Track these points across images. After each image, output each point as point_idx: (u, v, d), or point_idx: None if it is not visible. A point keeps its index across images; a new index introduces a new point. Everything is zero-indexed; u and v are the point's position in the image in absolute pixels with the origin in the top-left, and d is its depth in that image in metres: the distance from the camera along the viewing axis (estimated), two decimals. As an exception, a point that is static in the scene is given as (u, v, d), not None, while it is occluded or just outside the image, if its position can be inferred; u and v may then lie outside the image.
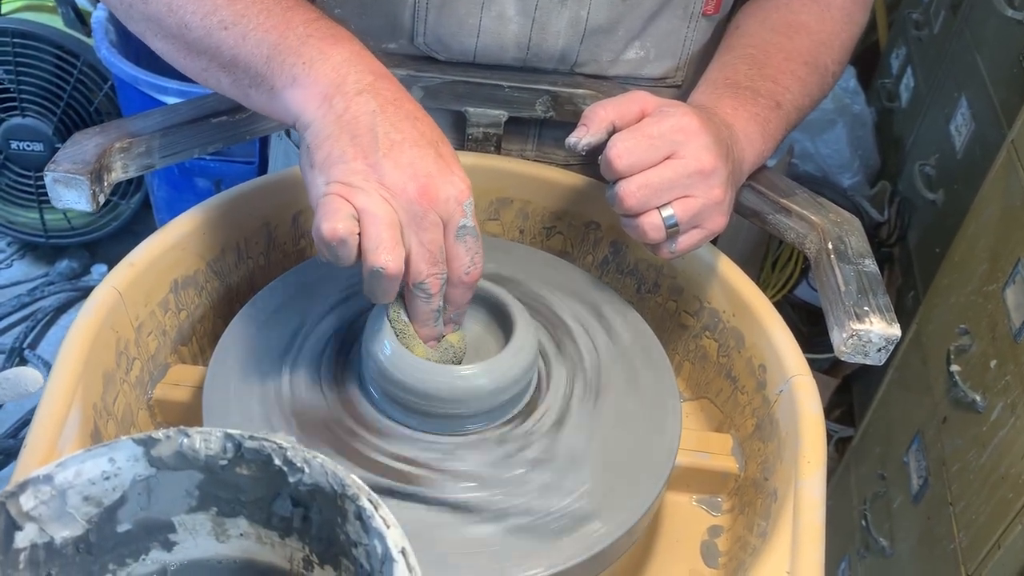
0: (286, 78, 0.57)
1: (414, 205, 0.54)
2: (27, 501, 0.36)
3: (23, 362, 1.94)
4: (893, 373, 1.44)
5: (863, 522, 1.37)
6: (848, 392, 1.82)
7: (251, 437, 0.38)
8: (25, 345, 1.96)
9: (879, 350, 0.62)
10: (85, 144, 0.68)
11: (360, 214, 0.53)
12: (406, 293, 0.57)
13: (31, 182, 2.04)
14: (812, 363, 0.66)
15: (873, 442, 1.47)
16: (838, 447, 1.73)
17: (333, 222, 0.52)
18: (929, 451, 1.23)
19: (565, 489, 0.57)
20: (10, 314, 2.03)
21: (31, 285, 2.12)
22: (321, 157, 0.54)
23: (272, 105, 0.59)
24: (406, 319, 0.59)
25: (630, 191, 0.63)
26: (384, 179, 0.53)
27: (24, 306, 2.05)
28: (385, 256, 0.52)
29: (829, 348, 0.64)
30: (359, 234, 0.53)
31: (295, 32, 0.58)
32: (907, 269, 1.67)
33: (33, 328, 1.99)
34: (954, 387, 1.16)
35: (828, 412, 1.79)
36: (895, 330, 0.61)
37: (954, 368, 1.17)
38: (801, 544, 0.54)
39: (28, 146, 1.97)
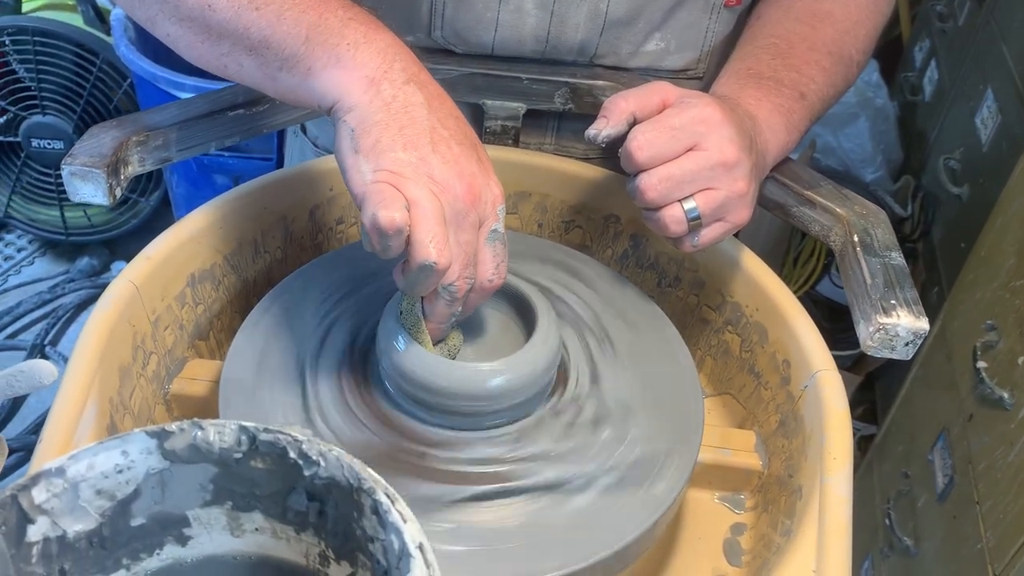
0: (328, 58, 0.55)
1: (459, 202, 0.52)
2: (39, 494, 0.36)
3: (44, 358, 1.96)
4: (917, 370, 1.42)
5: (887, 521, 1.35)
6: (871, 389, 1.80)
7: (266, 430, 0.38)
8: (46, 342, 1.97)
9: (907, 344, 0.60)
10: (102, 137, 0.67)
11: (411, 205, 0.51)
12: (428, 296, 0.56)
13: (52, 180, 2.05)
14: (835, 360, 0.65)
15: (897, 440, 1.45)
16: (861, 445, 1.71)
17: (391, 210, 0.50)
18: (954, 449, 1.21)
19: (632, 437, 0.60)
20: (31, 311, 2.04)
21: (52, 282, 2.13)
22: (369, 143, 0.53)
23: (303, 87, 0.57)
24: (419, 315, 0.58)
25: (651, 184, 0.61)
26: (434, 173, 0.52)
27: (45, 303, 2.06)
28: (437, 251, 0.51)
29: (852, 345, 0.63)
30: (410, 225, 0.51)
31: (335, 15, 0.56)
32: (931, 265, 1.65)
33: (54, 325, 2.01)
34: (980, 384, 1.14)
35: (851, 410, 1.77)
36: (923, 323, 0.60)
37: (980, 364, 1.15)
38: (827, 542, 0.53)
39: (49, 144, 1.98)
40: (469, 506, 0.55)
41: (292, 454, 0.38)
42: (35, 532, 0.36)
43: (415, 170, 0.52)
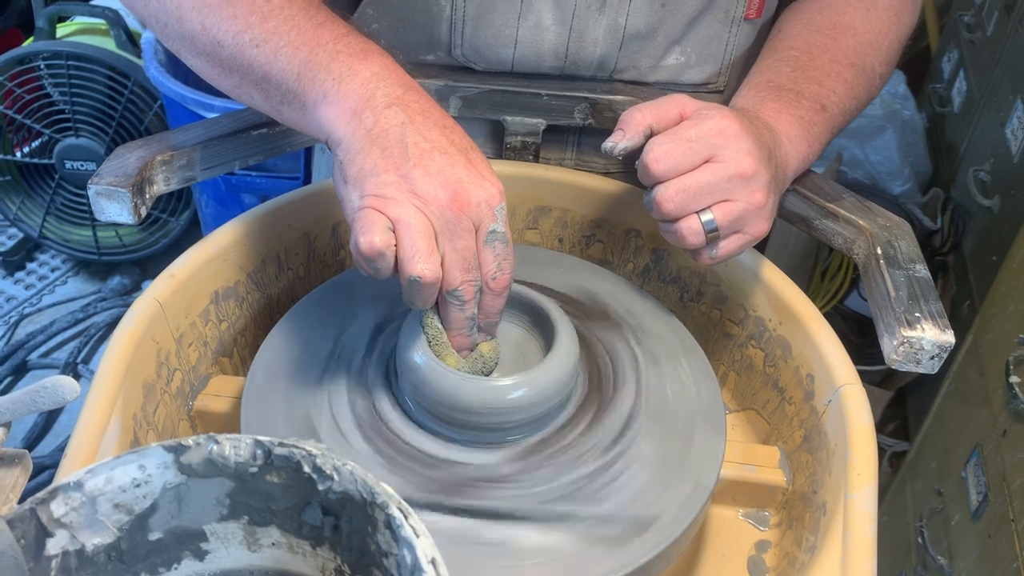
0: (316, 94, 0.57)
1: (446, 212, 0.53)
2: (58, 508, 0.36)
3: (77, 376, 1.98)
4: (949, 385, 1.40)
5: (920, 539, 1.33)
6: (902, 405, 1.77)
7: (280, 444, 0.38)
8: (79, 360, 2.00)
9: (932, 358, 0.59)
10: (128, 157, 0.68)
11: (395, 225, 0.53)
12: (440, 300, 0.57)
13: (85, 201, 2.08)
14: (864, 375, 0.64)
15: (929, 457, 1.43)
16: (892, 462, 1.68)
17: (370, 235, 0.52)
18: (988, 466, 1.18)
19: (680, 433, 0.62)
20: (65, 329, 2.07)
21: (84, 301, 2.16)
22: (354, 172, 0.55)
23: (304, 121, 0.59)
24: (440, 327, 0.58)
25: (668, 195, 0.61)
26: (416, 188, 0.53)
27: (78, 322, 2.09)
28: (421, 265, 0.52)
29: (881, 359, 0.62)
30: (395, 245, 0.53)
31: (325, 48, 0.58)
32: (962, 278, 1.62)
33: (86, 343, 2.04)
34: (1014, 399, 1.11)
35: (882, 426, 1.74)
36: (948, 337, 0.59)
37: (1013, 379, 1.12)
38: (852, 560, 0.52)
39: (82, 166, 2.02)
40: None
41: (306, 468, 0.38)
42: (54, 545, 0.37)
43: (397, 189, 0.53)
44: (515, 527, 0.54)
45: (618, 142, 0.64)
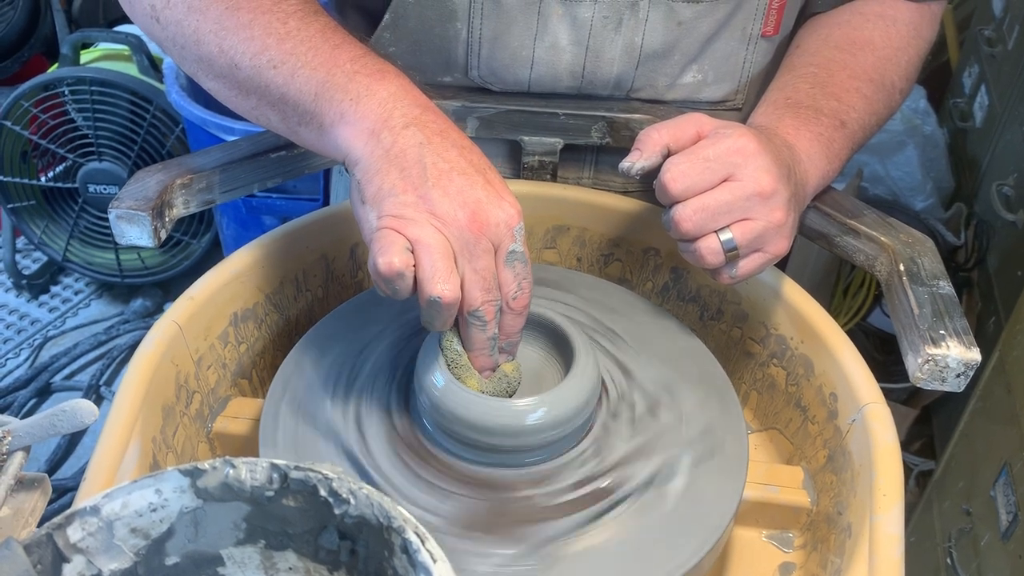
0: (334, 115, 0.57)
1: (465, 232, 0.53)
2: (74, 533, 0.36)
3: (99, 399, 2.00)
4: (976, 403, 1.38)
5: (948, 560, 1.30)
6: (928, 423, 1.74)
7: (296, 467, 0.38)
8: (102, 382, 2.01)
9: (958, 376, 0.58)
10: (147, 181, 0.69)
11: (414, 245, 0.53)
12: (460, 321, 0.57)
13: (108, 224, 2.10)
14: (889, 393, 0.63)
15: (957, 476, 1.40)
16: (919, 481, 1.66)
17: (389, 256, 0.52)
18: (1018, 484, 1.16)
19: (687, 412, 0.63)
20: (88, 352, 2.09)
21: (107, 324, 2.18)
22: (372, 192, 0.54)
23: (322, 142, 0.59)
24: (459, 348, 0.58)
25: (686, 215, 0.61)
26: (435, 209, 0.53)
27: (101, 344, 2.11)
28: (441, 285, 0.52)
29: (906, 377, 0.61)
30: (414, 265, 0.52)
31: (342, 69, 0.58)
32: (987, 294, 1.60)
33: (109, 365, 2.05)
34: (1043, 416, 1.09)
35: (908, 444, 1.72)
36: (974, 354, 0.58)
37: (1042, 396, 1.10)
38: (878, 583, 0.51)
39: (105, 189, 2.04)
40: (594, 526, 0.56)
41: (323, 492, 0.37)
42: (71, 571, 0.37)
43: (415, 210, 0.53)
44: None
45: (635, 162, 0.63)
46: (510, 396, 0.60)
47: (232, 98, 0.64)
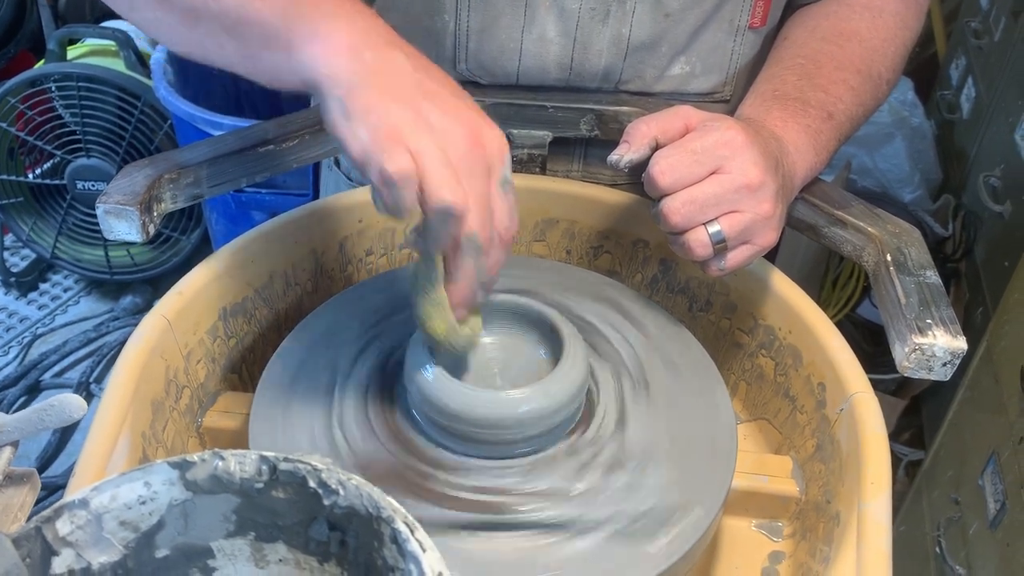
0: (306, 32, 0.52)
1: (464, 148, 0.50)
2: (63, 526, 0.36)
3: (89, 396, 1.99)
4: (964, 393, 1.38)
5: (937, 549, 1.31)
6: (917, 414, 1.75)
7: (286, 459, 0.38)
8: (91, 379, 2.01)
9: (944, 364, 0.59)
10: (135, 176, 0.69)
11: (416, 156, 0.49)
12: (451, 252, 0.53)
13: (96, 221, 2.09)
14: (877, 384, 0.64)
15: (945, 465, 1.41)
16: (908, 470, 1.67)
17: (397, 159, 0.48)
18: (1005, 473, 1.17)
19: (648, 487, 0.57)
20: (77, 349, 2.08)
21: (97, 321, 2.17)
22: (360, 107, 0.50)
23: (288, 65, 0.54)
24: (434, 280, 0.54)
25: (674, 208, 0.61)
26: (432, 122, 0.50)
27: (90, 341, 2.10)
28: (453, 191, 0.49)
29: (894, 368, 0.62)
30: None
31: None
32: (975, 284, 1.61)
33: (99, 363, 2.04)
34: (1030, 406, 1.10)
35: (897, 435, 1.73)
36: (960, 343, 0.58)
37: (1029, 386, 1.11)
38: (867, 570, 0.52)
39: (93, 186, 2.03)
40: (462, 534, 0.54)
41: (312, 483, 0.37)
42: (60, 564, 0.37)
43: (412, 123, 0.50)
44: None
45: (623, 155, 0.63)
46: (472, 349, 0.60)
47: (177, 26, 0.58)
